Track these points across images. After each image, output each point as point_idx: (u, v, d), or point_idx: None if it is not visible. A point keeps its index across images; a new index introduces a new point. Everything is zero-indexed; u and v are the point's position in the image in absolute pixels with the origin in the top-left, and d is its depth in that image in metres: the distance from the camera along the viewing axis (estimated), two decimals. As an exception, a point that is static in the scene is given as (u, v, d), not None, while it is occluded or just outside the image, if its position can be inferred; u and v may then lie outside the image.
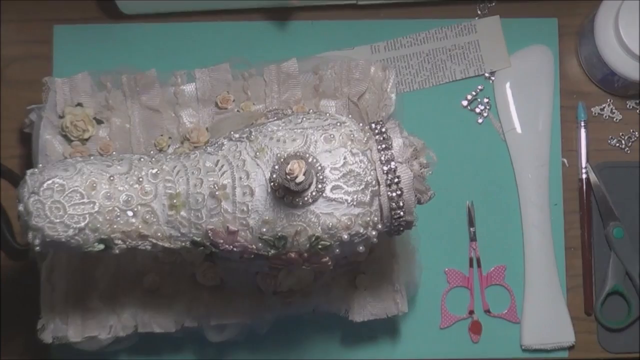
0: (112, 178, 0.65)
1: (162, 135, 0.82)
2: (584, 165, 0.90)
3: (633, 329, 0.89)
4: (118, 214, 0.64)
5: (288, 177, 0.60)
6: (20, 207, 0.65)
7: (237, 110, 0.82)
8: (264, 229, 0.63)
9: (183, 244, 0.66)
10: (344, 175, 0.62)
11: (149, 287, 0.79)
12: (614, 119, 0.92)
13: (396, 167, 0.65)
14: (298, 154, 0.62)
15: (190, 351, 0.86)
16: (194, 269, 0.79)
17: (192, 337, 0.84)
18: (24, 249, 0.75)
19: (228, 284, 0.80)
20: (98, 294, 0.79)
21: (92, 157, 0.67)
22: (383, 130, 0.66)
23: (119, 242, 0.66)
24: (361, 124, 0.67)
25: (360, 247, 0.65)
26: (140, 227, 0.65)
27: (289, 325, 0.86)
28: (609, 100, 0.92)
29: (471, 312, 0.89)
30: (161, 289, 0.80)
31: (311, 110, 0.68)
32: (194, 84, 0.83)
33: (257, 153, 0.64)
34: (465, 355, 0.89)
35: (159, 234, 0.66)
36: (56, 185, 0.63)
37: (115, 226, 0.64)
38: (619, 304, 0.90)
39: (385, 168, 0.65)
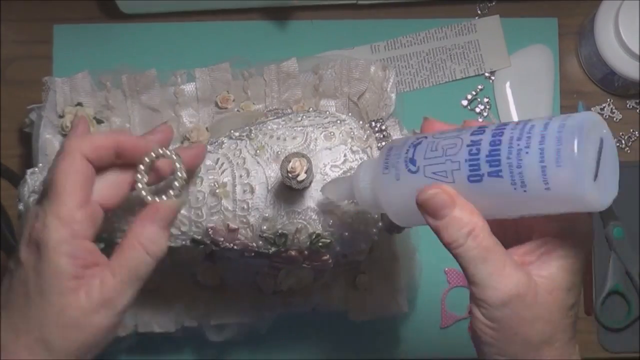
0: (112, 177, 0.64)
1: (162, 135, 0.82)
2: (584, 165, 0.90)
3: (633, 329, 0.89)
4: (118, 212, 0.64)
5: (290, 175, 0.60)
6: (21, 207, 0.64)
7: (237, 110, 0.82)
8: (265, 227, 0.63)
9: (183, 242, 0.66)
10: (345, 172, 0.62)
11: (148, 287, 0.79)
12: (614, 119, 0.92)
13: (396, 166, 0.65)
14: (299, 152, 0.62)
15: (190, 351, 0.86)
16: (194, 269, 0.79)
17: (192, 337, 0.84)
18: (24, 249, 0.74)
19: (228, 284, 0.80)
20: (98, 294, 0.78)
21: (92, 156, 0.67)
22: (383, 127, 0.66)
23: (120, 241, 0.65)
24: (361, 122, 0.67)
25: (361, 245, 0.65)
26: (140, 225, 0.65)
27: (289, 325, 0.86)
28: (609, 100, 0.92)
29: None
30: (161, 289, 0.80)
31: (311, 109, 0.68)
32: (194, 83, 0.83)
33: (257, 151, 0.64)
34: (465, 355, 0.88)
35: (159, 233, 0.66)
36: (56, 183, 0.63)
37: (115, 225, 0.64)
38: (619, 304, 0.89)
39: (385, 166, 0.65)
